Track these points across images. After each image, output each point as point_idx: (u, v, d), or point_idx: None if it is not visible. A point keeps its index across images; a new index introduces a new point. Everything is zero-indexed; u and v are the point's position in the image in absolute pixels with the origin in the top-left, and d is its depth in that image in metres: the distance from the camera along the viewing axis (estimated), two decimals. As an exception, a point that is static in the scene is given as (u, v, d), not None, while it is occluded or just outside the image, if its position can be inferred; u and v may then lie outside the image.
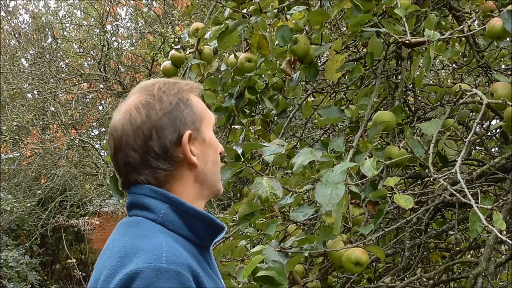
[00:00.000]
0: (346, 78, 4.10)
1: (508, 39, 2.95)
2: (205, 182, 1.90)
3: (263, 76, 4.01)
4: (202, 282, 1.67)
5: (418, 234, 3.80)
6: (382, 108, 3.73)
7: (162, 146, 1.81)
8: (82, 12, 15.57)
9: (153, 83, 1.90)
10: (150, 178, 1.83)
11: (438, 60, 4.72)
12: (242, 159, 2.80)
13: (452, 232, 3.99)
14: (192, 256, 1.74)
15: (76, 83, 15.49)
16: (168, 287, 1.59)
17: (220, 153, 1.97)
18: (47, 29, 15.68)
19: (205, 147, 1.89)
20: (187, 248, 1.76)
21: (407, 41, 2.71)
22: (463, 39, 3.59)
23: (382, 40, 3.34)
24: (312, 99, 4.45)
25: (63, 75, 15.11)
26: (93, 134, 15.39)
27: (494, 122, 4.03)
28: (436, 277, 3.62)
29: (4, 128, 13.35)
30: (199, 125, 1.88)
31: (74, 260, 13.83)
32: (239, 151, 2.81)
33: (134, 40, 15.77)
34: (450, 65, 4.17)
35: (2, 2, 15.42)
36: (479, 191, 2.55)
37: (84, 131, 14.76)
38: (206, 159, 1.89)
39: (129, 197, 1.88)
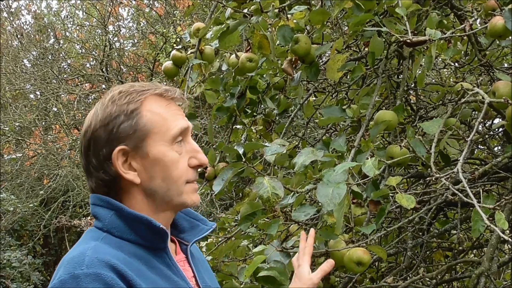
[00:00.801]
0: (347, 77, 4.09)
1: (510, 37, 2.94)
2: (156, 198, 1.83)
3: (264, 75, 4.01)
4: (132, 280, 1.65)
5: (420, 233, 3.79)
6: (383, 108, 3.73)
7: (97, 159, 1.79)
8: (84, 13, 15.58)
9: (113, 89, 1.86)
10: (94, 186, 1.83)
11: (440, 59, 4.72)
12: (244, 159, 2.80)
13: (454, 232, 3.99)
14: (137, 258, 1.74)
15: (78, 83, 15.49)
16: None
17: (200, 165, 1.88)
18: (49, 30, 15.71)
19: (149, 163, 1.80)
20: (132, 251, 1.75)
21: (408, 40, 2.70)
22: (464, 38, 3.58)
23: (384, 39, 3.34)
24: (314, 98, 4.45)
25: (65, 76, 15.13)
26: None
27: (496, 121, 4.02)
28: (438, 277, 3.62)
29: (7, 128, 13.36)
30: (139, 140, 1.79)
31: (77, 261, 13.83)
32: (241, 151, 2.80)
33: (136, 41, 15.78)
34: (452, 64, 4.16)
35: (4, 3, 15.43)
36: (481, 190, 2.55)
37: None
38: (151, 175, 1.81)
39: (90, 206, 1.89)
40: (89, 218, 14.08)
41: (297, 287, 2.14)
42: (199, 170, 1.92)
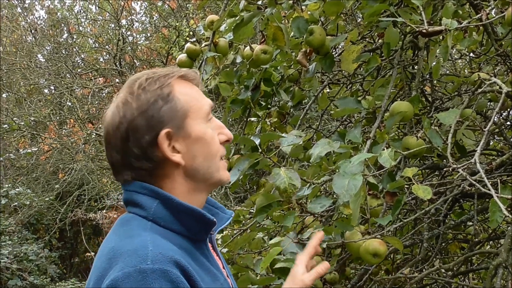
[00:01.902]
0: (362, 69, 4.08)
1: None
2: (197, 177, 1.84)
3: (278, 68, 4.00)
4: (192, 276, 1.65)
5: (436, 225, 3.77)
6: (399, 99, 3.71)
7: (140, 147, 1.77)
8: (97, 7, 15.62)
9: (136, 78, 1.86)
10: (134, 177, 1.81)
11: (455, 50, 4.69)
12: (260, 150, 2.79)
13: (470, 223, 3.97)
14: (184, 250, 1.73)
15: (92, 77, 15.56)
16: (157, 287, 1.57)
17: (227, 141, 1.92)
18: (62, 25, 15.77)
19: (192, 142, 1.82)
20: (179, 243, 1.74)
21: (424, 31, 2.68)
22: (480, 28, 3.56)
23: (399, 30, 3.32)
24: (328, 90, 4.43)
25: (79, 70, 15.19)
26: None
27: (513, 111, 4.00)
28: (455, 268, 3.60)
29: (22, 123, 13.40)
30: (181, 121, 1.80)
31: (93, 254, 13.93)
32: (257, 141, 2.79)
33: (149, 34, 15.81)
34: (468, 55, 4.14)
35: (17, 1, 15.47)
36: (498, 181, 2.52)
37: (100, 125, 14.77)
38: (193, 155, 1.82)
39: (123, 193, 1.86)
40: (104, 211, 14.14)
41: (288, 287, 2.12)
42: None
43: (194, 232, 1.80)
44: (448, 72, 5.01)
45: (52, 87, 15.46)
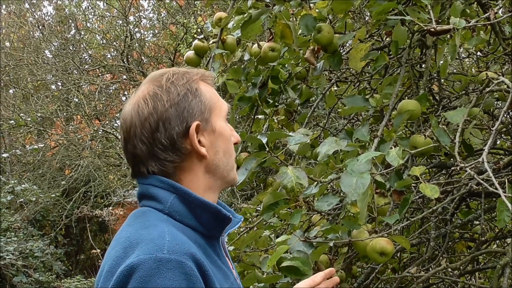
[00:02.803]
0: (369, 67, 4.07)
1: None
2: (217, 172, 1.88)
3: (286, 65, 4.00)
4: (207, 271, 1.66)
5: (443, 224, 3.77)
6: (406, 97, 3.70)
7: (169, 138, 1.80)
8: (105, 4, 15.62)
9: (162, 73, 1.89)
10: (157, 170, 1.82)
11: (462, 49, 4.68)
12: (267, 149, 2.79)
13: (477, 222, 3.96)
14: (198, 246, 1.73)
15: (99, 74, 15.57)
16: (170, 277, 1.58)
17: (236, 143, 1.95)
18: (70, 21, 15.78)
19: (215, 137, 1.87)
20: (194, 238, 1.75)
21: (432, 29, 2.67)
22: (488, 27, 3.55)
23: (407, 28, 3.31)
24: (336, 88, 4.43)
25: (86, 66, 15.21)
26: (116, 124, 15.41)
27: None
28: (461, 268, 3.60)
29: (29, 119, 13.42)
30: (208, 116, 1.85)
31: (99, 250, 13.95)
32: (264, 140, 2.79)
33: (156, 31, 15.81)
34: (475, 54, 4.13)
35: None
36: (506, 180, 2.52)
37: (107, 122, 14.85)
38: (216, 150, 1.87)
39: (139, 187, 1.88)
40: (110, 208, 14.16)
41: None
42: None
43: (209, 228, 1.81)
44: (455, 71, 4.99)
45: (59, 83, 15.47)
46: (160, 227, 1.70)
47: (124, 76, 15.17)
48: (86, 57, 15.90)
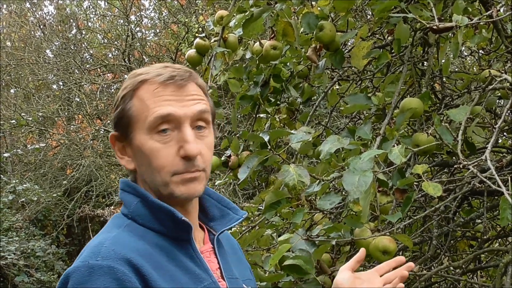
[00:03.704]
0: (372, 65, 4.07)
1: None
2: (149, 184, 1.80)
3: (288, 64, 3.99)
4: (147, 275, 1.62)
5: (445, 222, 3.76)
6: (409, 95, 3.69)
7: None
8: (106, 3, 15.62)
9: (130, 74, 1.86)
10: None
11: (464, 47, 4.67)
12: (269, 147, 2.78)
13: (479, 221, 3.95)
14: (159, 249, 1.71)
15: (101, 73, 15.57)
16: (101, 283, 1.57)
17: (186, 156, 1.75)
18: (71, 20, 15.77)
19: (134, 151, 1.79)
20: (155, 241, 1.72)
21: (434, 27, 2.67)
22: (490, 25, 3.54)
23: (409, 26, 3.31)
24: (338, 87, 4.42)
25: (87, 66, 15.19)
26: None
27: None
28: (464, 266, 3.59)
29: (30, 119, 13.43)
30: (125, 128, 1.78)
31: (100, 250, 13.92)
32: (266, 138, 2.78)
33: (158, 30, 15.80)
34: (477, 52, 4.12)
35: None
36: (509, 178, 2.51)
37: (109, 121, 14.81)
38: (138, 163, 1.79)
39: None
40: (112, 207, 14.17)
41: None
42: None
43: (172, 230, 1.77)
44: (457, 69, 4.99)
45: (61, 83, 15.47)
46: (110, 233, 1.70)
47: (126, 76, 15.14)
48: (87, 57, 15.89)
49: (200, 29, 11.30)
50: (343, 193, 2.92)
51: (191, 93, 1.79)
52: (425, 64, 3.67)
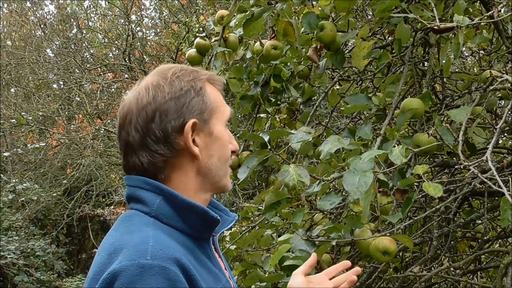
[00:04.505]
0: (372, 65, 4.06)
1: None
2: (208, 176, 1.84)
3: (288, 64, 3.98)
4: (193, 276, 1.62)
5: (446, 223, 3.76)
6: (409, 96, 3.69)
7: (163, 131, 1.76)
8: (106, 2, 15.63)
9: (170, 67, 1.86)
10: (147, 161, 1.78)
11: (465, 47, 4.67)
12: (269, 147, 2.77)
13: (480, 221, 3.95)
14: (186, 248, 1.70)
15: (101, 73, 15.60)
16: (154, 283, 1.54)
17: (233, 151, 1.92)
18: (72, 20, 15.80)
19: (211, 140, 1.83)
20: (181, 240, 1.72)
21: (435, 27, 2.66)
22: (491, 25, 3.54)
23: (410, 26, 3.30)
24: (338, 87, 4.42)
25: (88, 65, 15.21)
26: (118, 124, 15.43)
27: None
28: (464, 267, 3.59)
29: (30, 118, 13.43)
30: (208, 117, 1.82)
31: (100, 250, 13.93)
32: (266, 138, 2.77)
33: (158, 30, 15.83)
34: (478, 52, 4.12)
35: None
36: (510, 179, 2.50)
37: (109, 121, 14.83)
38: (210, 153, 1.83)
39: (126, 189, 1.85)
40: (112, 207, 14.17)
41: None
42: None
43: (197, 230, 1.78)
44: (458, 69, 4.98)
45: (61, 82, 15.50)
46: (144, 231, 1.67)
47: (126, 75, 15.17)
48: (87, 56, 15.91)
49: (201, 29, 11.31)
50: (344, 193, 2.92)
51: None
52: (426, 65, 3.66)
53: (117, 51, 15.78)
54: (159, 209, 1.74)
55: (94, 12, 15.83)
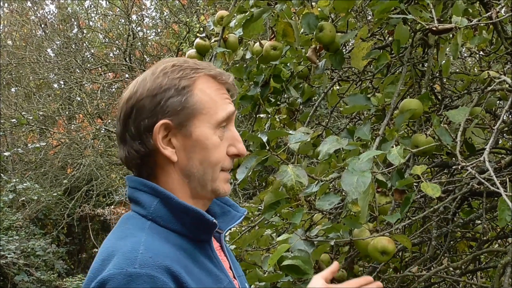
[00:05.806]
0: (371, 66, 4.07)
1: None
2: (192, 178, 1.78)
3: (288, 64, 3.99)
4: (185, 283, 1.60)
5: (444, 223, 3.77)
6: (408, 96, 3.69)
7: (137, 128, 1.75)
8: (107, 2, 15.63)
9: (166, 61, 1.82)
10: (124, 156, 1.79)
11: (464, 48, 4.67)
12: (268, 147, 2.78)
13: (478, 222, 3.96)
14: (183, 252, 1.69)
15: (102, 73, 15.60)
16: None
17: (237, 155, 1.84)
18: (73, 19, 15.81)
19: (191, 143, 1.75)
20: (179, 243, 1.71)
21: (434, 28, 2.67)
22: (490, 26, 3.54)
23: (409, 27, 3.31)
24: (338, 87, 4.42)
25: (88, 65, 15.21)
26: (118, 123, 15.42)
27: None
28: (463, 267, 3.59)
29: (31, 118, 13.44)
30: (185, 118, 1.74)
31: (100, 249, 13.93)
32: (265, 139, 2.78)
33: (159, 30, 15.83)
34: (477, 53, 4.12)
35: None
36: (507, 179, 2.51)
37: (109, 120, 14.83)
38: (190, 156, 1.76)
39: (127, 189, 1.84)
40: (112, 207, 14.18)
41: None
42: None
43: (194, 232, 1.76)
44: (457, 70, 4.99)
45: (62, 82, 15.50)
46: (137, 237, 1.66)
47: (127, 75, 15.17)
48: (88, 56, 15.91)
49: (201, 29, 11.31)
50: (343, 193, 2.92)
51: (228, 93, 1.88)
52: (424, 65, 3.66)
53: (117, 51, 15.78)
54: (156, 211, 1.73)
55: (95, 12, 15.83)
